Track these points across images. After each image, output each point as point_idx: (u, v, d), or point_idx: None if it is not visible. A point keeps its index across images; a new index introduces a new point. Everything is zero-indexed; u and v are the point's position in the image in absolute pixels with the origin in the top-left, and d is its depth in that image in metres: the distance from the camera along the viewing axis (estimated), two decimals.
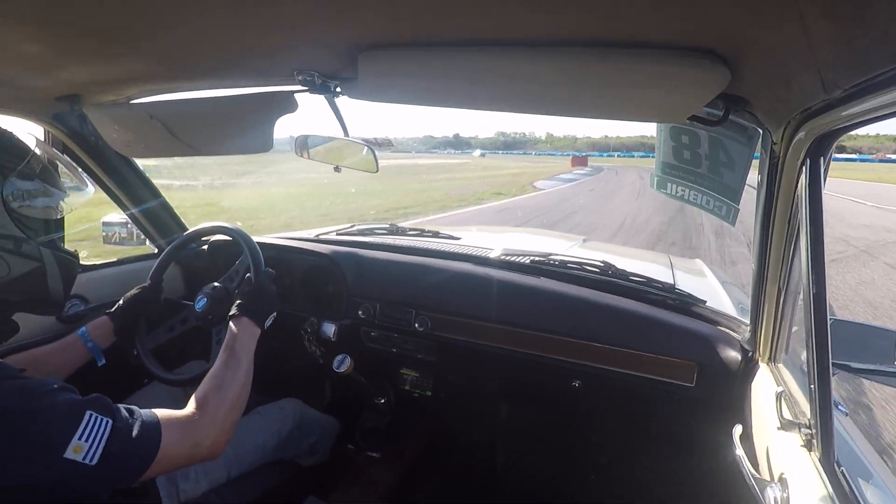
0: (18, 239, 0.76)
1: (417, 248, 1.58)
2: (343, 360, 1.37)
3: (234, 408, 0.86)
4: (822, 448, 0.66)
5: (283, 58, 0.81)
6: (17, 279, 0.77)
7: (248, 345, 0.98)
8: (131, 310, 1.17)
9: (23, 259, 0.77)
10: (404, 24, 0.62)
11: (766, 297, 0.92)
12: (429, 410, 1.65)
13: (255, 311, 1.03)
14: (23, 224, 0.77)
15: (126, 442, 0.67)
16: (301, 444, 1.35)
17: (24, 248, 0.77)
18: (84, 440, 0.63)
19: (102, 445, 0.64)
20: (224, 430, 0.83)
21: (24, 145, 0.79)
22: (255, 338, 1.01)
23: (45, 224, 0.83)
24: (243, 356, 0.95)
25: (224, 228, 1.29)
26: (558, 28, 0.58)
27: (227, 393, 0.86)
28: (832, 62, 0.46)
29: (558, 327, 1.24)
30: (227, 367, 0.91)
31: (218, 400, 0.84)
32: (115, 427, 0.66)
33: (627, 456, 1.45)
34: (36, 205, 0.79)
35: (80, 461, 0.62)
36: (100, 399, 0.69)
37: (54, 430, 0.62)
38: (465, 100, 0.84)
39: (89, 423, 0.64)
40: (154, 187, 1.57)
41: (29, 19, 0.65)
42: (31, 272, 0.79)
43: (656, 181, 1.08)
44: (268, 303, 1.08)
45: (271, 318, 1.08)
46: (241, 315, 1.02)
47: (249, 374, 0.94)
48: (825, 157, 0.65)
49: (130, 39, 0.74)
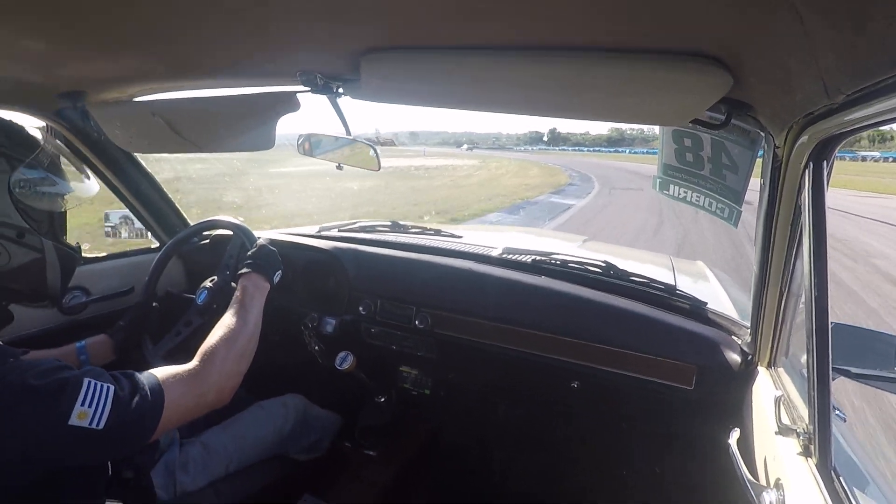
0: (21, 229, 0.77)
1: (419, 245, 1.58)
2: (345, 358, 1.38)
3: (242, 356, 0.88)
4: (820, 454, 0.65)
5: (286, 59, 0.82)
6: (17, 269, 0.77)
7: (258, 298, 1.01)
8: (132, 330, 1.18)
9: (24, 249, 0.78)
10: (407, 28, 0.62)
11: (767, 301, 0.91)
12: (427, 409, 1.66)
13: (263, 266, 1.07)
14: (27, 214, 0.78)
15: (130, 403, 0.68)
16: (302, 440, 1.36)
17: (27, 238, 0.78)
18: (87, 406, 0.64)
19: (108, 409, 0.65)
20: (231, 377, 0.85)
21: (35, 139, 0.80)
22: (265, 292, 1.04)
23: (48, 216, 0.83)
24: (252, 308, 0.98)
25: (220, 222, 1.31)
26: (561, 33, 0.57)
27: (235, 343, 0.88)
28: (834, 68, 0.46)
29: (558, 327, 1.24)
30: (237, 316, 0.93)
31: (226, 349, 0.86)
32: (116, 391, 0.67)
33: (625, 458, 1.45)
34: (41, 196, 0.80)
35: (87, 426, 0.63)
36: (95, 369, 0.70)
37: (55, 399, 0.63)
38: (467, 102, 0.84)
39: (90, 390, 0.65)
40: (156, 182, 1.57)
41: (34, 17, 0.65)
42: (30, 262, 0.79)
43: (659, 183, 1.08)
44: (273, 260, 1.11)
45: (278, 274, 1.11)
46: (250, 272, 1.05)
47: (258, 325, 0.96)
48: (828, 162, 0.65)
49: (135, 38, 0.75)
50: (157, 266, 1.32)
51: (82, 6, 0.62)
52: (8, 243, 0.75)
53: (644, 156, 78.57)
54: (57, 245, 0.84)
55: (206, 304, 1.20)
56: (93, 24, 0.68)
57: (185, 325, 1.24)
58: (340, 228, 1.81)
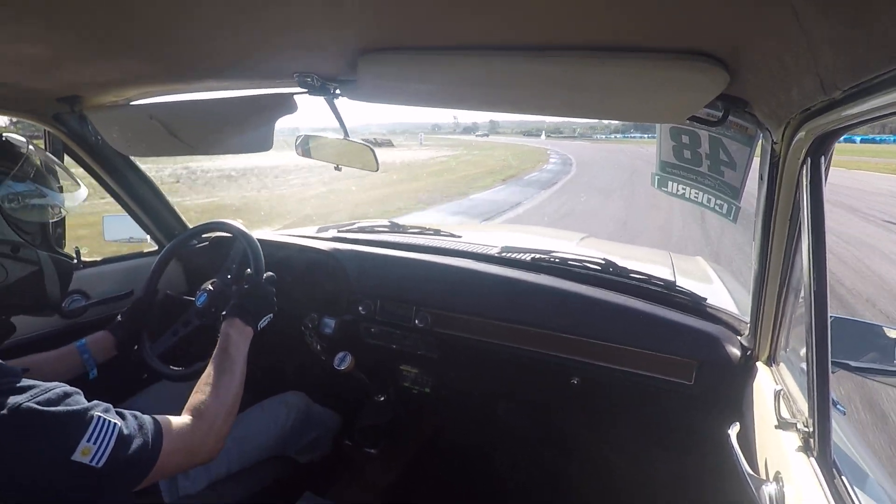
0: (16, 243, 0.77)
1: (418, 244, 1.58)
2: (344, 358, 1.38)
3: (230, 413, 0.86)
4: (820, 447, 0.66)
5: (283, 60, 0.81)
6: (14, 284, 0.77)
7: (243, 346, 0.98)
8: (131, 325, 1.17)
9: (20, 263, 0.78)
10: (404, 28, 0.62)
11: (766, 296, 0.92)
12: (428, 408, 1.66)
13: (248, 311, 1.03)
14: (19, 228, 0.78)
15: (131, 446, 0.67)
16: (302, 438, 1.36)
17: (22, 253, 0.78)
18: (92, 442, 0.63)
19: (110, 448, 0.64)
20: (221, 436, 0.83)
21: (17, 149, 0.79)
22: (248, 338, 1.01)
23: (41, 227, 0.83)
24: (238, 357, 0.95)
25: (221, 225, 1.31)
26: (558, 32, 0.57)
27: (224, 399, 0.86)
28: (831, 64, 0.46)
29: (558, 324, 1.24)
30: (223, 371, 0.90)
31: (216, 406, 0.84)
32: (121, 431, 0.66)
33: (625, 453, 1.45)
34: (32, 208, 0.80)
35: (88, 463, 0.62)
36: (103, 404, 0.69)
37: (64, 432, 0.62)
38: (465, 102, 0.84)
39: (97, 426, 0.64)
40: (154, 185, 1.57)
41: (30, 21, 0.65)
42: (28, 276, 0.79)
43: (657, 180, 1.08)
44: (264, 304, 1.08)
45: (266, 319, 1.08)
46: (232, 316, 1.01)
47: (243, 376, 0.94)
48: (826, 157, 0.65)
49: (132, 41, 0.75)
50: (158, 266, 1.31)
51: (78, 10, 0.62)
52: (4, 260, 0.75)
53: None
54: (53, 256, 0.84)
55: (205, 306, 1.20)
56: (89, 27, 0.68)
57: (183, 324, 1.24)
58: (339, 229, 1.81)
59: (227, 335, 0.98)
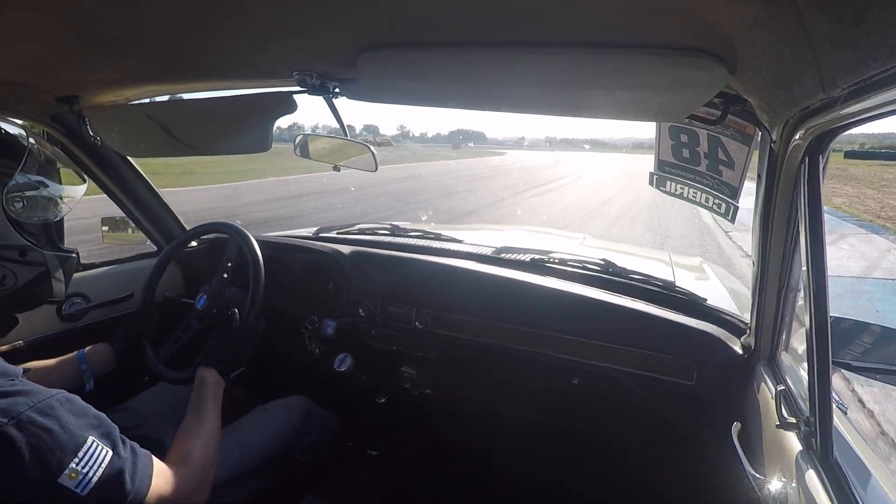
0: (23, 247, 0.77)
1: (418, 246, 1.58)
2: (344, 360, 1.37)
3: (215, 462, 0.87)
4: (821, 446, 0.66)
5: (282, 59, 0.81)
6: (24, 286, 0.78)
7: (217, 393, 0.99)
8: (131, 335, 1.18)
9: (28, 266, 0.78)
10: (404, 26, 0.62)
11: (766, 295, 0.92)
12: (428, 409, 1.66)
13: (222, 360, 1.03)
14: (24, 230, 0.78)
15: (118, 479, 0.64)
16: (304, 439, 1.35)
17: (29, 256, 0.78)
18: (81, 466, 0.60)
19: (97, 476, 0.61)
20: (208, 486, 0.83)
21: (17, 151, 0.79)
22: (222, 387, 1.01)
23: (44, 227, 0.83)
24: (217, 404, 0.96)
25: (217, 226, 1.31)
26: (558, 30, 0.57)
27: (210, 447, 0.87)
28: (831, 62, 0.46)
29: (558, 325, 1.24)
30: (204, 419, 0.91)
31: (204, 454, 0.84)
32: (112, 459, 0.63)
33: (626, 454, 1.45)
34: (35, 210, 0.80)
35: (72, 489, 0.58)
36: (105, 424, 0.67)
37: (55, 450, 0.59)
38: (465, 100, 0.84)
39: (90, 450, 0.61)
40: (152, 186, 1.57)
41: (28, 20, 0.65)
42: (36, 277, 0.80)
43: (655, 179, 1.08)
44: (240, 352, 1.08)
45: (239, 371, 1.07)
46: (207, 365, 1.02)
47: (219, 422, 0.94)
48: (824, 156, 0.65)
49: (129, 41, 0.74)
50: (154, 271, 1.31)
51: (77, 9, 0.61)
52: (13, 265, 0.76)
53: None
54: (57, 253, 0.84)
55: (205, 308, 1.20)
56: (87, 27, 0.68)
57: (184, 330, 1.24)
58: (339, 231, 1.81)
59: (205, 382, 0.98)
